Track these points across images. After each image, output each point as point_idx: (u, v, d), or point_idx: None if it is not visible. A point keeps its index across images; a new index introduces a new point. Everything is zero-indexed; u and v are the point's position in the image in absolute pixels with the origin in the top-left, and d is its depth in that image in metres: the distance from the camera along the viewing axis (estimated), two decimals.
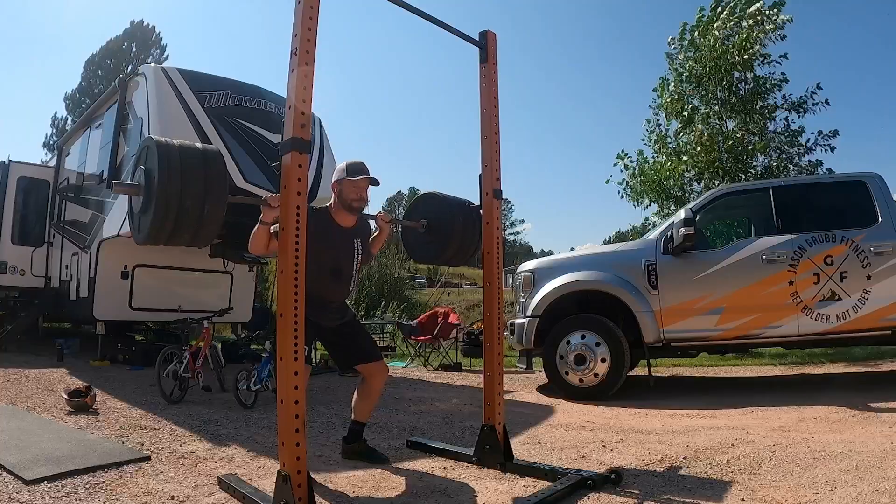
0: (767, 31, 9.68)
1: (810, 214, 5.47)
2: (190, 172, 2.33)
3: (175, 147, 2.39)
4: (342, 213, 3.18)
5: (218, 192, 2.40)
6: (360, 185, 3.13)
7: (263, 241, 2.81)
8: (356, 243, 3.23)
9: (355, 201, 3.14)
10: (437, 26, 3.15)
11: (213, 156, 2.48)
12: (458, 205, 3.62)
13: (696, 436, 3.85)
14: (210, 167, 2.41)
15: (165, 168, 2.31)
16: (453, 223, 3.54)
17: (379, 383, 3.34)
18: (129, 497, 2.66)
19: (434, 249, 3.66)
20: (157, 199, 2.29)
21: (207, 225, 2.38)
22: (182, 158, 2.35)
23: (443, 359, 8.68)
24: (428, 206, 3.71)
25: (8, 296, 10.49)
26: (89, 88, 29.97)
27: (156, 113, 6.23)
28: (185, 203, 2.30)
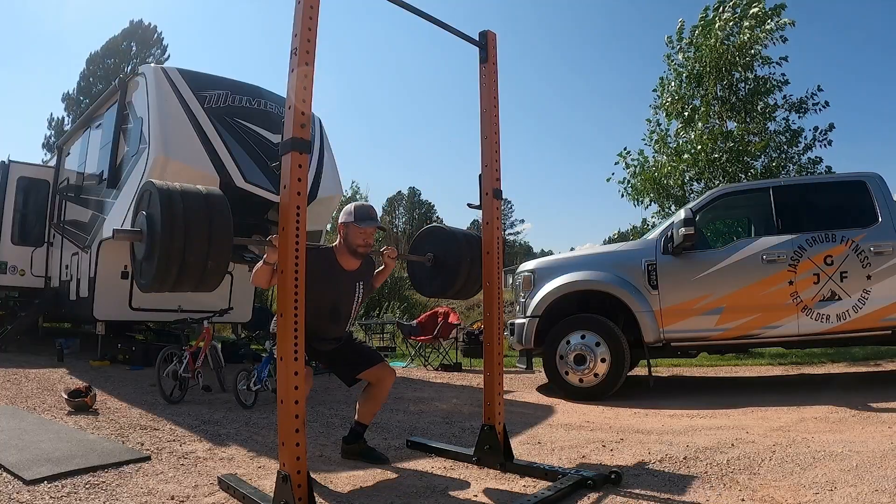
0: (768, 33, 9.69)
1: (810, 214, 5.47)
2: (193, 217, 2.28)
3: (177, 191, 2.33)
4: (346, 256, 3.17)
5: (222, 245, 2.36)
6: (367, 231, 3.13)
7: (266, 278, 2.83)
8: (358, 286, 3.24)
9: (361, 247, 3.14)
10: (437, 26, 3.15)
11: (217, 199, 2.42)
12: (464, 238, 3.64)
13: (696, 436, 3.85)
14: (214, 210, 2.36)
15: (168, 222, 2.26)
16: (460, 257, 3.56)
17: (387, 387, 3.35)
18: (129, 497, 2.66)
19: (441, 283, 3.68)
20: (160, 255, 2.27)
21: (213, 270, 2.36)
22: (185, 209, 2.29)
23: (443, 359, 8.68)
24: (434, 239, 3.73)
25: (8, 296, 10.50)
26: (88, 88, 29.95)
27: (156, 113, 6.23)
28: (189, 248, 2.27)
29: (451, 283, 3.61)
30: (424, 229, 3.93)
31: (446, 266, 3.61)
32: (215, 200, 2.42)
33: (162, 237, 2.26)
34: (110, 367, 7.32)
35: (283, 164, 2.44)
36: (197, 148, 6.17)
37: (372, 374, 3.31)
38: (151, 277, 2.34)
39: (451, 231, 3.71)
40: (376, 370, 3.30)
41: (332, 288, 3.11)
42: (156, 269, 2.30)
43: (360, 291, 3.26)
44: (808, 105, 9.89)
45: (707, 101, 10.19)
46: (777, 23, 9.70)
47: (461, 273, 3.57)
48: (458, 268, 3.56)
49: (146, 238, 2.38)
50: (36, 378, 6.16)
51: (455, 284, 3.61)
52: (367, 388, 3.37)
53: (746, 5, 9.86)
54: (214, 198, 2.43)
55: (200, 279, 2.35)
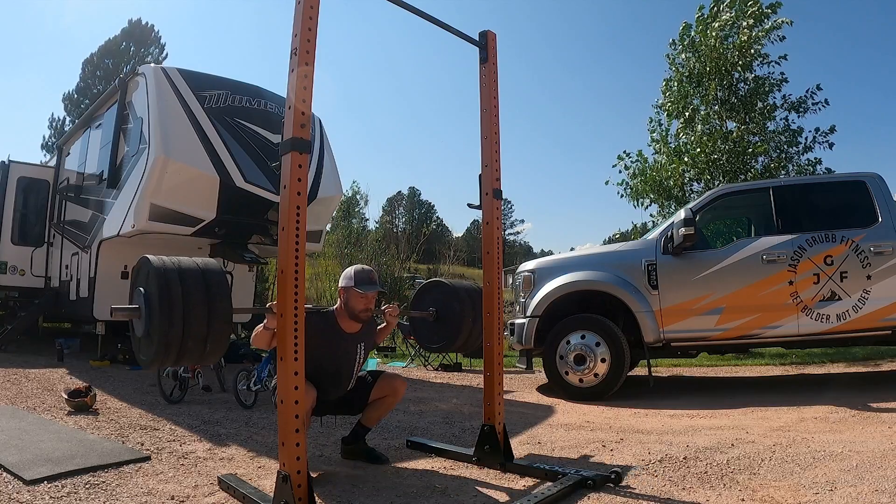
0: (767, 32, 9.69)
1: (810, 214, 5.47)
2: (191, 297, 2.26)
3: (174, 270, 2.30)
4: (347, 320, 3.16)
5: (222, 314, 2.35)
6: (368, 297, 3.12)
7: (266, 342, 2.83)
8: (359, 347, 3.22)
9: (362, 312, 3.14)
10: (437, 26, 3.15)
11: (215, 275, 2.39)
12: (466, 293, 3.65)
13: (696, 436, 3.85)
14: (212, 288, 2.33)
15: (165, 295, 2.24)
16: (463, 313, 3.58)
17: (401, 394, 3.36)
18: (129, 497, 2.66)
19: (444, 338, 3.71)
20: (158, 340, 2.26)
21: (213, 349, 2.36)
22: (182, 281, 2.27)
23: (443, 359, 8.68)
24: (436, 294, 3.76)
25: (8, 296, 10.49)
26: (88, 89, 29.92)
27: (156, 113, 6.23)
28: (188, 330, 2.26)
29: (454, 339, 3.65)
30: (425, 284, 3.97)
31: (449, 322, 3.64)
32: (213, 278, 2.37)
33: (160, 323, 2.24)
34: (110, 367, 7.32)
35: (283, 164, 2.44)
36: (197, 148, 6.17)
37: (383, 389, 3.30)
38: (151, 358, 2.34)
39: (452, 287, 3.74)
40: (385, 384, 3.30)
41: (333, 352, 3.09)
42: (154, 352, 2.30)
43: (362, 353, 3.24)
44: (808, 105, 9.89)
45: (707, 101, 10.19)
46: (774, 22, 9.71)
47: (463, 329, 3.60)
48: (460, 323, 3.59)
49: (144, 318, 2.37)
50: (36, 378, 6.16)
51: (458, 339, 3.64)
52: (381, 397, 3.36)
53: (743, 3, 9.87)
54: (212, 275, 2.39)
55: (200, 357, 2.37)
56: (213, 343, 2.33)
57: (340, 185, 7.89)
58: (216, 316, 2.32)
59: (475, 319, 3.55)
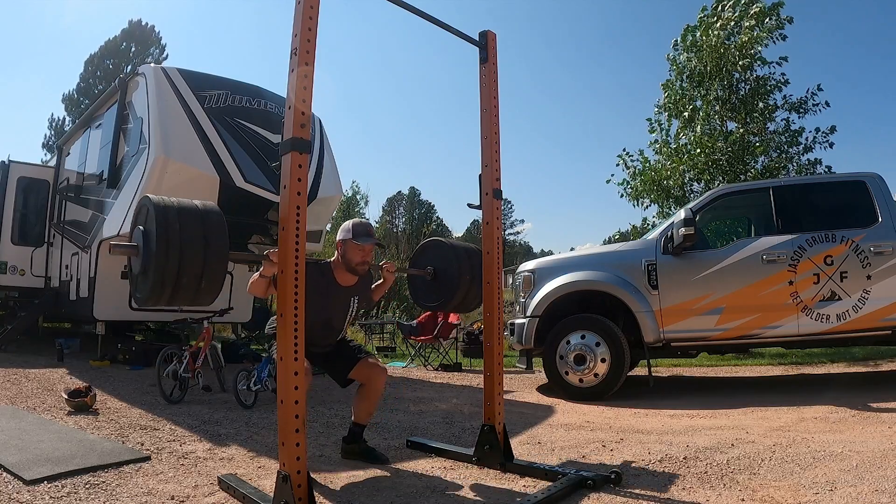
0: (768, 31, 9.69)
1: (810, 214, 5.47)
2: (189, 236, 2.29)
3: (173, 208, 2.33)
4: (343, 273, 3.18)
5: (219, 255, 2.36)
6: (365, 249, 3.13)
7: (262, 289, 2.84)
8: (353, 300, 3.26)
9: (359, 265, 3.15)
10: (437, 26, 3.15)
11: (213, 215, 2.42)
12: (465, 253, 3.64)
13: (696, 436, 3.85)
14: (210, 228, 2.36)
15: (164, 232, 2.27)
16: (460, 273, 3.56)
17: (378, 385, 3.33)
18: (129, 497, 2.66)
19: (440, 297, 3.69)
20: (155, 273, 2.28)
21: (208, 287, 2.37)
22: (181, 220, 2.30)
23: (443, 359, 8.68)
24: (434, 253, 3.74)
25: (8, 296, 10.49)
26: (88, 89, 29.91)
27: (156, 113, 6.23)
28: (184, 268, 2.28)
29: (451, 297, 3.63)
30: (424, 242, 3.94)
31: (446, 280, 3.62)
32: (212, 219, 2.41)
33: (157, 256, 2.27)
34: (110, 367, 7.32)
35: (283, 164, 2.44)
36: (197, 148, 6.17)
37: (361, 373, 3.31)
38: (146, 294, 2.35)
39: (451, 245, 3.72)
40: (364, 369, 3.30)
41: (326, 303, 3.12)
42: (150, 286, 2.31)
43: (355, 306, 3.28)
44: (808, 105, 9.89)
45: (708, 101, 10.19)
46: (776, 21, 9.71)
47: (461, 288, 3.58)
48: (457, 282, 3.57)
49: (142, 254, 2.39)
50: (36, 378, 6.16)
51: (454, 298, 3.62)
52: (360, 387, 3.37)
53: (745, 4, 9.87)
54: (211, 216, 2.42)
55: (195, 297, 2.37)
56: (207, 281, 2.34)
57: (340, 185, 7.89)
58: (212, 253, 2.34)
59: (473, 279, 3.53)
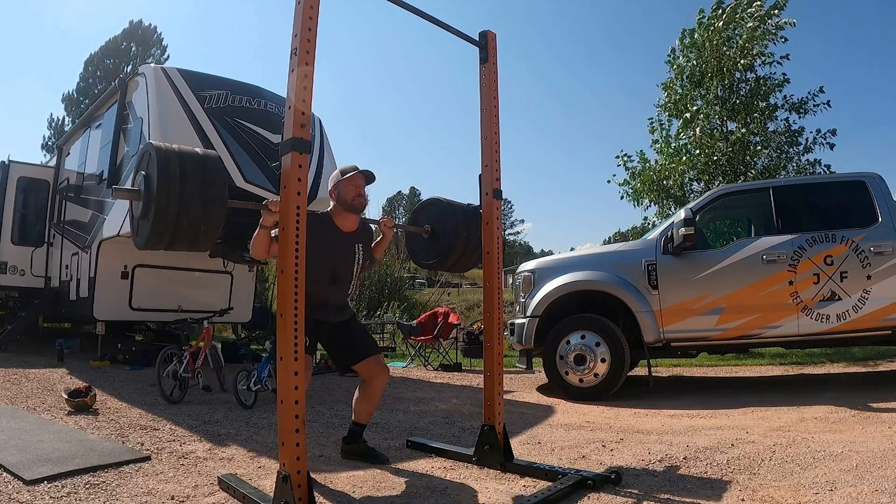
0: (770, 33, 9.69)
1: (810, 214, 5.47)
2: (189, 179, 2.35)
3: (174, 152, 2.40)
4: (343, 216, 3.18)
5: (217, 198, 2.41)
6: (356, 181, 3.14)
7: (264, 245, 2.84)
8: (357, 248, 3.22)
9: (355, 199, 3.15)
10: (437, 26, 3.15)
11: (213, 162, 2.50)
12: (462, 212, 3.62)
13: (696, 436, 3.85)
14: (209, 173, 2.42)
15: (165, 175, 2.32)
16: (457, 231, 3.54)
17: (380, 385, 3.32)
18: (129, 497, 2.66)
19: (437, 255, 3.67)
20: (157, 205, 2.31)
21: (207, 231, 2.40)
22: (181, 165, 2.37)
23: (443, 359, 8.68)
24: (432, 211, 3.72)
25: (8, 296, 10.49)
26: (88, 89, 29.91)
27: (156, 113, 6.23)
28: (183, 209, 2.32)
29: (447, 256, 3.60)
30: (424, 201, 3.91)
31: (443, 239, 3.59)
32: (211, 158, 2.50)
33: (158, 188, 2.32)
34: (110, 367, 7.31)
35: (283, 164, 2.44)
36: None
37: (365, 369, 3.27)
38: (147, 235, 2.39)
39: (448, 203, 3.68)
40: (370, 365, 3.26)
41: (330, 251, 3.10)
42: (151, 227, 2.35)
43: (360, 254, 3.24)
44: (809, 106, 9.89)
45: (708, 101, 10.19)
46: (777, 23, 9.71)
47: (457, 246, 3.55)
48: (454, 241, 3.54)
49: (143, 197, 2.44)
50: (36, 378, 6.16)
51: (451, 257, 3.59)
52: (360, 385, 3.35)
53: (747, 4, 9.87)
54: (210, 156, 2.52)
55: (194, 239, 2.41)
56: (206, 224, 2.39)
57: None
58: (212, 197, 2.39)
59: (469, 237, 3.52)
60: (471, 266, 3.73)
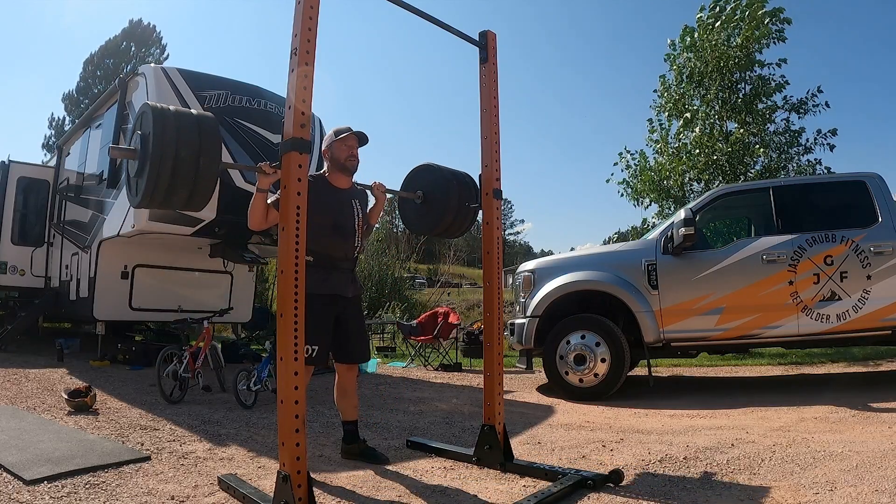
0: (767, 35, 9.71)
1: (810, 214, 5.47)
2: (184, 131, 2.38)
3: (170, 111, 2.44)
4: (337, 176, 3.24)
5: (212, 150, 2.44)
6: (349, 141, 3.20)
7: (261, 211, 2.87)
8: (355, 204, 3.28)
9: (348, 159, 3.20)
10: (437, 26, 3.15)
11: (207, 118, 2.53)
12: (454, 177, 3.61)
13: (696, 436, 3.85)
14: (204, 127, 2.45)
15: (160, 127, 2.35)
16: (448, 196, 3.53)
17: (351, 379, 3.36)
18: (129, 497, 2.66)
19: (430, 221, 3.67)
20: (152, 155, 2.34)
21: (202, 184, 2.42)
22: (177, 119, 2.40)
23: (443, 359, 8.68)
24: (425, 177, 3.70)
25: (8, 296, 10.49)
26: (88, 89, 29.92)
27: None
28: (179, 156, 2.34)
29: (439, 222, 3.59)
30: (416, 167, 3.88)
31: (435, 204, 3.59)
32: (206, 122, 2.52)
33: (154, 139, 2.34)
34: (110, 367, 7.31)
35: (283, 164, 2.44)
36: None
37: (340, 368, 3.35)
38: (142, 192, 2.40)
39: (440, 169, 3.67)
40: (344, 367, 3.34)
41: (330, 206, 3.15)
42: (146, 184, 2.36)
43: (359, 211, 3.28)
44: (808, 106, 9.89)
45: (707, 101, 10.19)
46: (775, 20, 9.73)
47: (448, 212, 3.55)
48: (445, 207, 3.54)
49: (139, 154, 2.45)
50: (36, 378, 6.16)
51: (442, 223, 3.59)
52: (335, 385, 3.39)
53: (746, 6, 9.88)
54: (205, 120, 2.54)
55: (188, 199, 2.43)
56: (201, 183, 2.41)
57: None
58: (206, 154, 2.41)
59: (461, 202, 3.52)
60: (464, 230, 3.72)
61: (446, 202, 3.53)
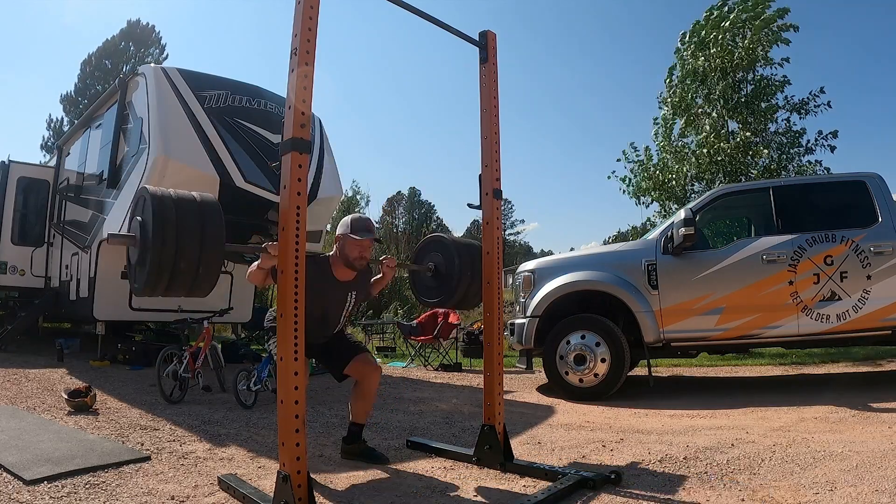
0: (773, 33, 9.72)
1: (810, 214, 5.47)
2: (185, 224, 2.31)
3: (170, 199, 2.36)
4: (341, 267, 3.18)
5: (215, 239, 2.38)
6: (364, 244, 3.13)
7: (261, 279, 2.85)
8: (350, 295, 3.27)
9: (357, 260, 3.14)
10: (437, 26, 3.15)
11: (209, 203, 2.46)
12: (466, 250, 3.63)
13: (696, 436, 3.85)
14: (206, 215, 2.39)
15: (160, 228, 2.29)
16: (461, 270, 3.56)
17: (372, 383, 3.33)
18: (129, 497, 2.66)
19: (440, 294, 3.68)
20: (152, 261, 2.29)
21: (203, 282, 2.38)
22: (178, 216, 2.33)
23: (443, 359, 8.68)
24: (435, 249, 3.74)
25: (8, 296, 10.49)
26: (86, 89, 29.88)
27: (156, 113, 6.23)
28: (179, 265, 2.29)
29: (450, 296, 3.62)
30: (426, 238, 3.94)
31: (446, 277, 3.62)
32: (208, 208, 2.44)
33: (153, 244, 2.29)
34: (110, 367, 7.32)
35: (283, 164, 2.44)
36: (197, 148, 6.16)
37: (355, 370, 3.30)
38: (143, 282, 2.37)
39: (452, 242, 3.72)
40: (358, 365, 3.29)
41: (322, 296, 3.11)
42: (147, 274, 2.33)
43: (352, 300, 3.30)
44: (810, 107, 9.90)
45: (710, 101, 10.19)
46: (780, 26, 9.74)
47: (461, 285, 3.58)
48: (458, 279, 3.57)
49: (139, 243, 2.40)
50: (36, 378, 6.16)
51: (454, 297, 3.61)
52: (354, 386, 3.37)
53: (752, 6, 9.89)
54: (207, 205, 2.45)
55: (192, 286, 2.38)
56: (204, 270, 2.36)
57: (340, 185, 7.89)
58: (208, 242, 2.36)
59: (473, 276, 3.53)
60: (476, 303, 3.70)
61: (459, 275, 3.56)
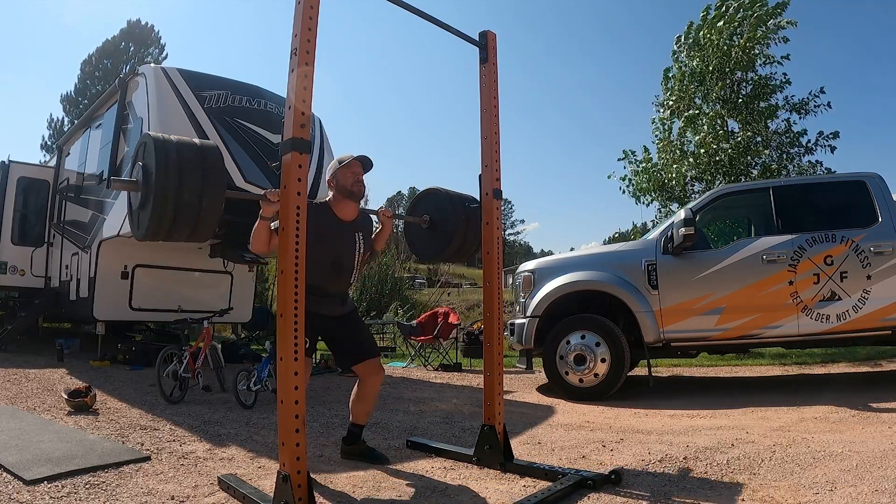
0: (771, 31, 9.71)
1: (810, 214, 5.47)
2: (187, 166, 2.34)
3: (172, 142, 2.40)
4: (342, 204, 3.16)
5: (216, 185, 2.41)
6: (353, 168, 3.14)
7: (264, 238, 2.83)
8: (357, 236, 3.21)
9: (354, 185, 3.13)
10: (437, 26, 3.15)
11: (211, 150, 2.49)
12: (460, 202, 3.61)
13: (696, 436, 3.85)
14: (207, 161, 2.42)
15: (163, 163, 2.31)
16: (456, 221, 3.53)
17: (374, 385, 3.31)
18: (129, 497, 2.66)
19: (435, 246, 3.66)
20: (155, 193, 2.30)
21: (206, 219, 2.39)
22: (179, 153, 2.36)
23: (443, 359, 8.68)
24: (431, 202, 3.71)
25: (8, 296, 10.49)
26: (86, 89, 29.87)
27: (156, 113, 6.23)
28: (182, 197, 2.31)
29: (445, 247, 3.59)
30: (422, 191, 3.89)
31: (441, 230, 3.59)
32: (208, 147, 2.50)
33: (156, 176, 2.30)
34: (110, 367, 7.32)
35: (283, 164, 2.44)
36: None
37: (362, 370, 3.27)
38: (146, 226, 2.37)
39: (447, 194, 3.68)
40: (367, 367, 3.26)
41: (331, 239, 3.09)
42: (150, 215, 2.33)
43: (361, 242, 3.22)
44: (810, 107, 9.89)
45: (709, 101, 10.19)
46: (778, 23, 9.73)
47: (456, 237, 3.55)
48: (453, 231, 3.54)
49: (142, 186, 2.42)
50: (36, 378, 6.16)
51: (449, 248, 3.58)
52: (356, 385, 3.35)
53: (749, 3, 9.88)
54: (208, 146, 2.52)
55: (195, 224, 2.38)
56: (205, 212, 2.37)
57: None
58: (210, 186, 2.38)
59: (468, 226, 3.51)
60: (470, 255, 3.71)
61: (452, 229, 3.53)
